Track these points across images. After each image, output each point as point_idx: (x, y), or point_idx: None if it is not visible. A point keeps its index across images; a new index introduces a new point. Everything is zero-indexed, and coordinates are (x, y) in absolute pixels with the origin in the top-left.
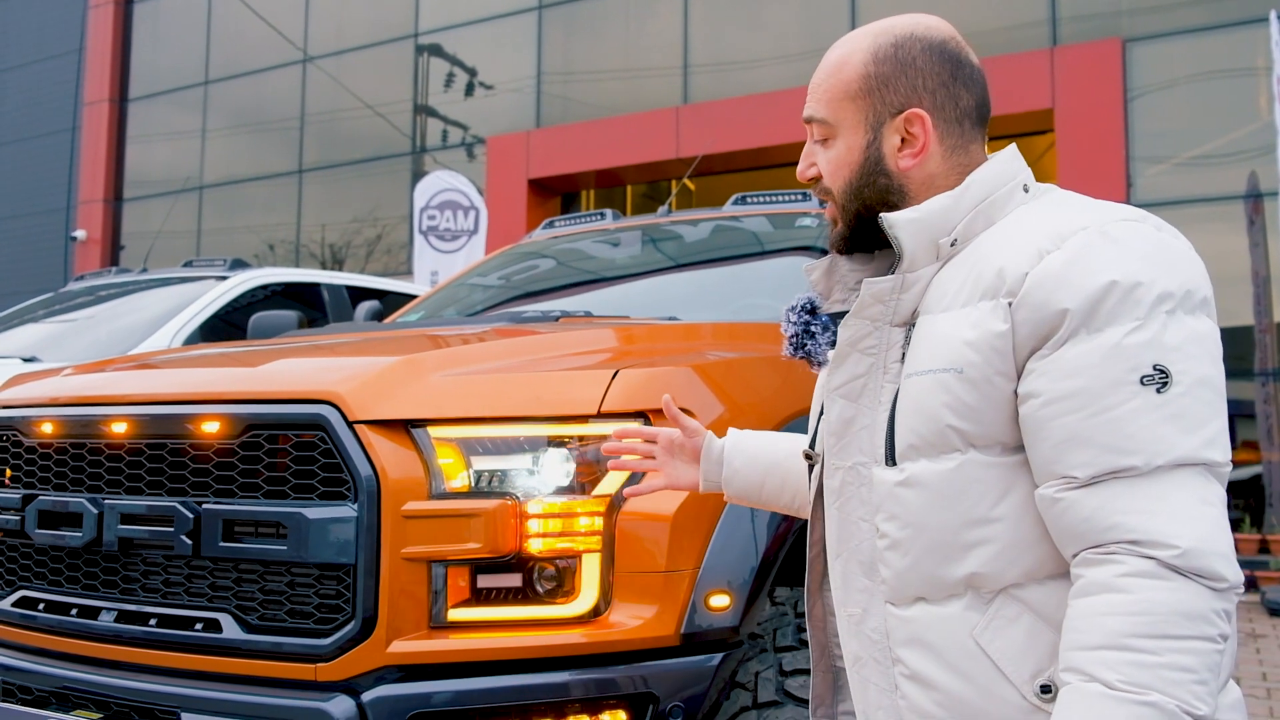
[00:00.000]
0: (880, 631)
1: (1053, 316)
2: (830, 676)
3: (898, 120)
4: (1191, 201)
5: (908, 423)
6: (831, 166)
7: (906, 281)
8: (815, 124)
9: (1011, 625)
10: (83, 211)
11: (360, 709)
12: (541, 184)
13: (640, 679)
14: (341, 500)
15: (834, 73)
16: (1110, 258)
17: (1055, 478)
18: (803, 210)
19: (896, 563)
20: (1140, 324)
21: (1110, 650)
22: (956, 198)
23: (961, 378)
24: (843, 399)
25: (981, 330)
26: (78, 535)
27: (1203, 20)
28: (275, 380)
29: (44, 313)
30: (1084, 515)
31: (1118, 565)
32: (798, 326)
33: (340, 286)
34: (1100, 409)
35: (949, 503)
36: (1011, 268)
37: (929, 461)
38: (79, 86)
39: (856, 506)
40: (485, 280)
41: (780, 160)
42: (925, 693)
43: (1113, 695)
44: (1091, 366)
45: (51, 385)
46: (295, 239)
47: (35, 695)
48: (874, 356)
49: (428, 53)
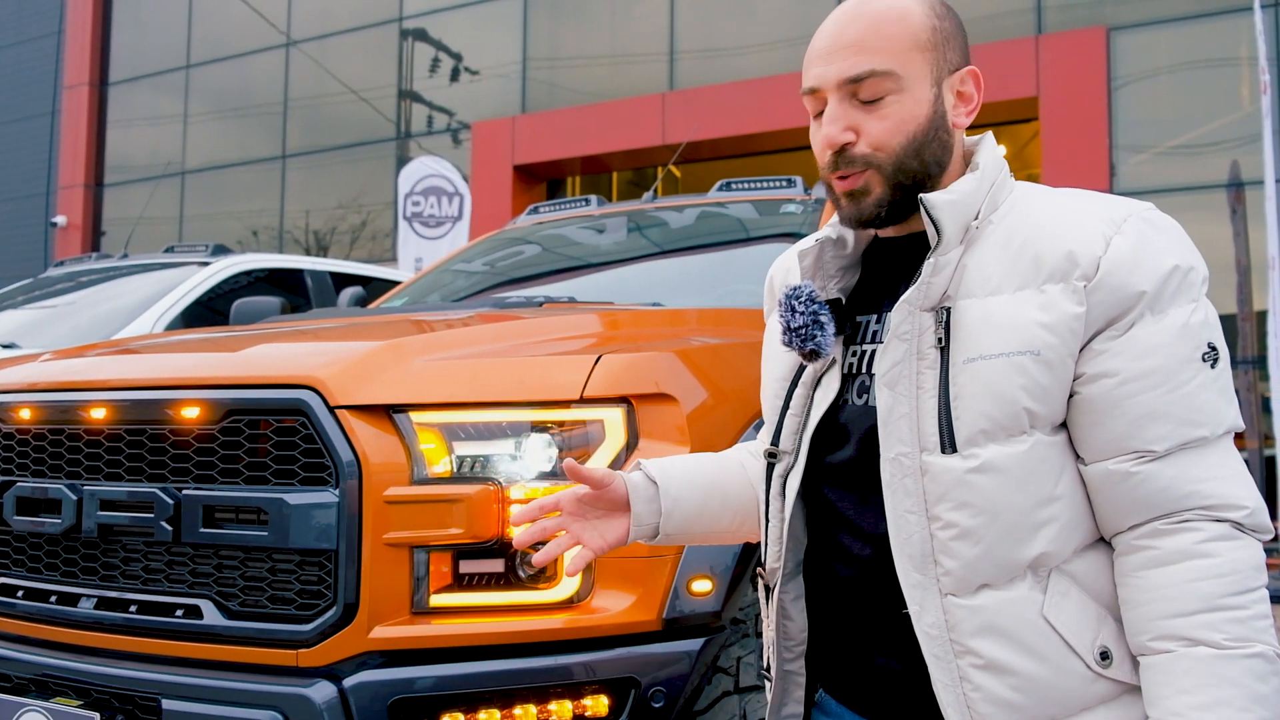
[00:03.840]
0: (938, 626)
1: (1129, 299)
2: (780, 682)
3: (954, 77)
4: (1174, 190)
5: (977, 407)
6: (892, 124)
7: (938, 265)
8: (873, 79)
9: (1066, 599)
10: (63, 197)
11: (342, 695)
12: (527, 170)
13: (622, 664)
14: (323, 486)
15: (896, 22)
16: (1166, 243)
17: (1128, 452)
18: (788, 196)
19: (966, 552)
20: (1195, 305)
21: (1209, 613)
22: (978, 181)
23: (1039, 360)
24: (886, 388)
25: (1057, 313)
26: (57, 522)
27: (1187, 9)
28: (256, 365)
29: (24, 298)
30: (1161, 485)
31: (1196, 532)
32: (807, 316)
33: (324, 273)
34: (1176, 385)
35: (1022, 485)
36: (1083, 252)
37: (1000, 445)
38: (58, 70)
39: (902, 499)
40: (469, 266)
41: (767, 147)
42: (1001, 679)
43: (1223, 654)
44: (1165, 345)
45: (30, 371)
46: (279, 225)
47: (14, 683)
48: (908, 342)
49: (413, 37)
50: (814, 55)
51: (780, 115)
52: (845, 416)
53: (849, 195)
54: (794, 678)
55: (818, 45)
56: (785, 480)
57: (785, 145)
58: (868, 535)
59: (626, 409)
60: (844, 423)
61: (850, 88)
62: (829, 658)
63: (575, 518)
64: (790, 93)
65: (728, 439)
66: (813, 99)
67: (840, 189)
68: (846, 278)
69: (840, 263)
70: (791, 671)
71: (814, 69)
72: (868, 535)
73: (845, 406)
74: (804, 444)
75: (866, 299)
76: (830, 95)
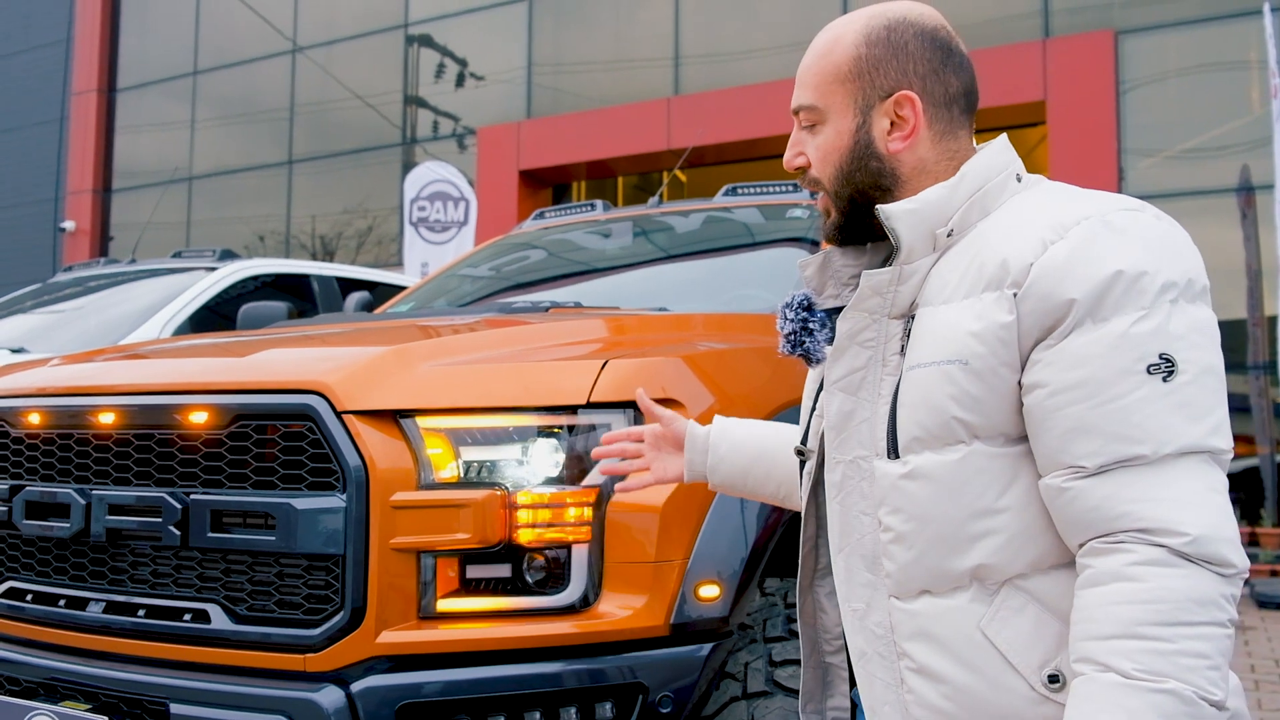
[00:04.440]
0: (884, 626)
1: (1059, 307)
2: (820, 672)
3: (887, 103)
4: (1184, 194)
5: (912, 415)
6: (820, 153)
7: (904, 273)
8: (804, 111)
9: (1017, 615)
10: (71, 202)
11: (349, 699)
12: (532, 175)
13: (629, 669)
14: (330, 491)
15: (823, 56)
16: (1115, 247)
17: (1062, 467)
18: (794, 201)
19: (901, 556)
20: (1145, 313)
21: (1124, 639)
22: (952, 188)
23: (967, 369)
24: (842, 392)
25: (986, 321)
26: (65, 526)
27: (1195, 13)
28: (263, 370)
29: (32, 304)
30: (1092, 504)
31: (1128, 554)
32: (795, 323)
33: (330, 278)
34: (1108, 398)
35: (954, 494)
36: (1015, 258)
37: (933, 453)
38: (67, 76)
39: (857, 500)
40: (475, 271)
41: (772, 152)
42: (933, 686)
43: (1129, 684)
44: (1098, 356)
45: (39, 376)
46: (285, 230)
47: (23, 686)
48: (872, 349)
49: (418, 43)
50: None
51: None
52: None
53: (823, 213)
54: (837, 670)
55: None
56: (813, 478)
57: None
58: None
59: (633, 414)
60: None
61: (796, 116)
62: None
63: (651, 448)
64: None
65: None
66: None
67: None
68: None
69: (854, 271)
70: (833, 664)
71: None
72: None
73: None
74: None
75: None
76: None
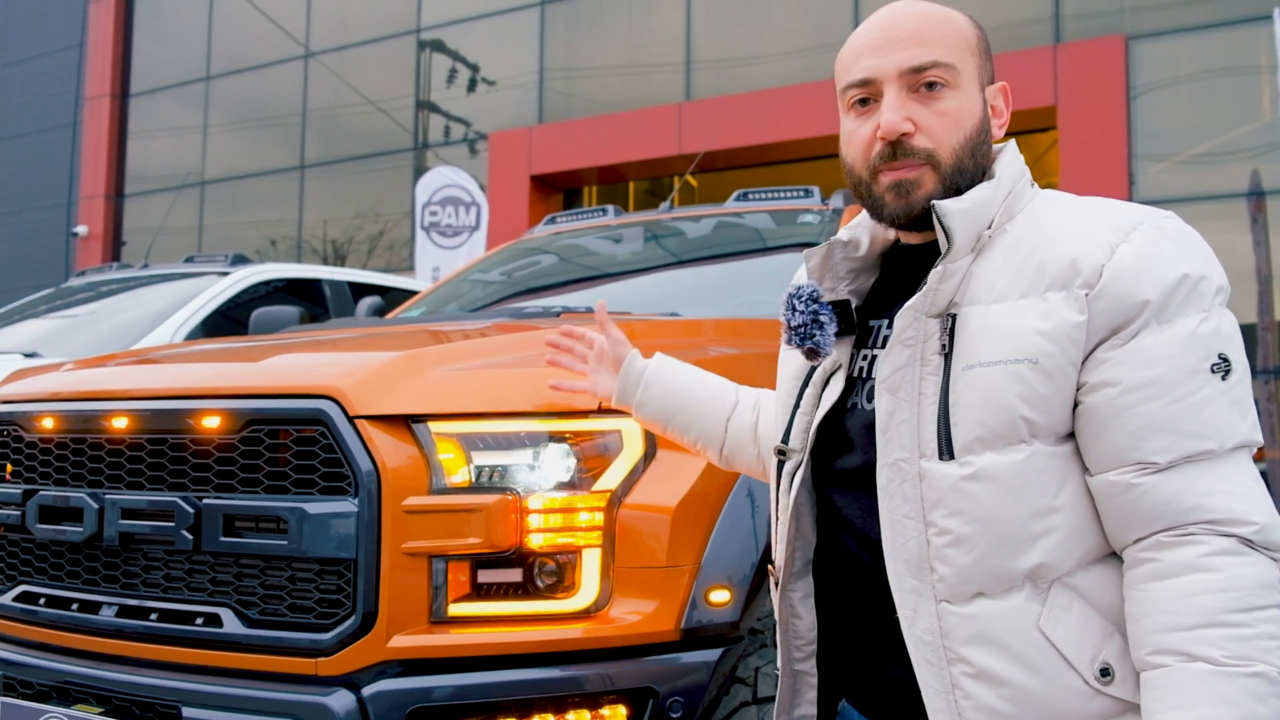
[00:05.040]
0: (932, 632)
1: (1132, 307)
2: (790, 680)
3: (992, 89)
4: (1194, 199)
5: (972, 415)
6: (950, 118)
7: (947, 272)
8: (937, 69)
9: (1066, 613)
10: (84, 207)
11: (361, 703)
12: (544, 180)
13: (640, 674)
14: (342, 495)
15: (945, 21)
16: (1176, 251)
17: (1130, 464)
18: (805, 206)
19: (960, 559)
20: (1206, 315)
21: (1209, 628)
22: (994, 189)
23: (1036, 368)
24: (887, 393)
25: (1056, 321)
26: (79, 530)
27: (1205, 18)
28: (276, 375)
29: (45, 308)
30: (1164, 498)
31: (1201, 545)
32: (806, 315)
33: (342, 282)
34: (1179, 396)
35: (1017, 495)
36: (1086, 259)
37: (995, 454)
38: (80, 81)
39: (900, 504)
40: (487, 276)
41: (784, 156)
42: (992, 689)
43: (1221, 671)
44: (1169, 356)
45: (52, 380)
46: (297, 235)
47: (36, 690)
48: (912, 348)
49: (430, 48)
50: (861, 49)
51: (796, 125)
52: (851, 420)
53: (896, 187)
54: (805, 678)
55: (865, 40)
56: (794, 478)
57: (802, 155)
58: (871, 541)
59: None
60: (850, 426)
61: (911, 78)
62: (845, 664)
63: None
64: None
65: None
66: (861, 90)
67: (889, 179)
68: (860, 280)
69: (851, 265)
70: (802, 671)
71: (865, 61)
72: (871, 541)
73: (853, 410)
74: (810, 442)
75: (880, 303)
76: (888, 85)
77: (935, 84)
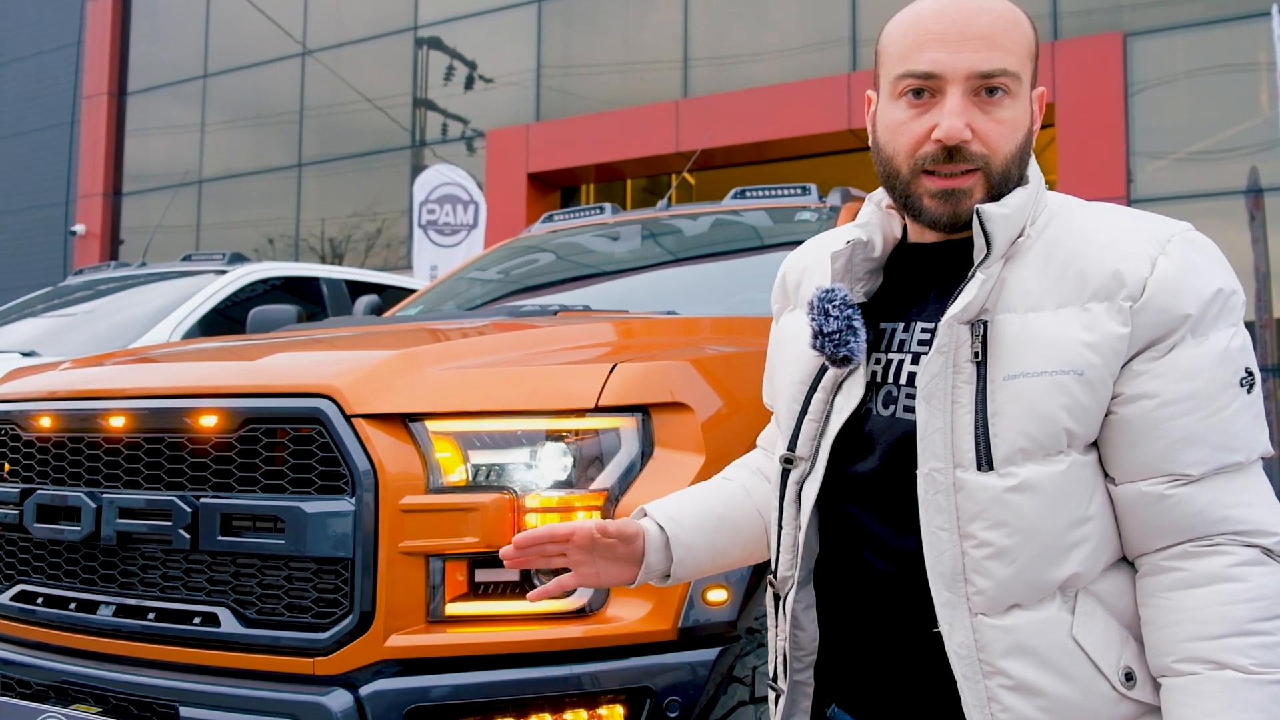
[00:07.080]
0: (968, 646)
1: (1173, 320)
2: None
3: (1034, 94)
4: (1192, 197)
5: (1015, 425)
6: (1007, 128)
7: (987, 278)
8: (1005, 77)
9: (1092, 619)
10: (82, 206)
11: (358, 703)
12: (541, 178)
13: (637, 673)
14: (339, 494)
15: (1014, 25)
16: (1208, 265)
17: (1163, 475)
18: (803, 204)
19: (1000, 571)
20: (1235, 329)
21: (1237, 637)
22: (1028, 195)
23: (1081, 380)
24: (924, 401)
25: (1101, 333)
26: (76, 529)
27: (1204, 15)
28: (273, 374)
29: (43, 307)
30: (1195, 509)
31: (1227, 556)
32: (841, 321)
33: (339, 281)
34: (1214, 409)
35: (1058, 505)
36: (1130, 272)
37: (1037, 465)
38: (77, 80)
39: (934, 515)
40: (484, 274)
41: (781, 154)
42: (1029, 700)
43: (1249, 679)
44: (1206, 369)
45: (50, 379)
46: (294, 233)
47: (34, 689)
48: (945, 355)
49: (427, 46)
50: (927, 39)
51: (794, 122)
52: (870, 427)
53: (946, 194)
54: (802, 688)
55: (934, 29)
56: (801, 487)
57: (799, 152)
58: (892, 550)
59: (642, 418)
60: (868, 433)
61: (979, 82)
62: (842, 671)
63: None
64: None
65: (743, 447)
66: (919, 82)
67: (939, 186)
68: (870, 281)
69: (868, 266)
70: (800, 682)
71: (932, 53)
72: (892, 550)
73: (870, 416)
74: (823, 451)
75: (892, 305)
76: (953, 85)
77: (997, 90)
